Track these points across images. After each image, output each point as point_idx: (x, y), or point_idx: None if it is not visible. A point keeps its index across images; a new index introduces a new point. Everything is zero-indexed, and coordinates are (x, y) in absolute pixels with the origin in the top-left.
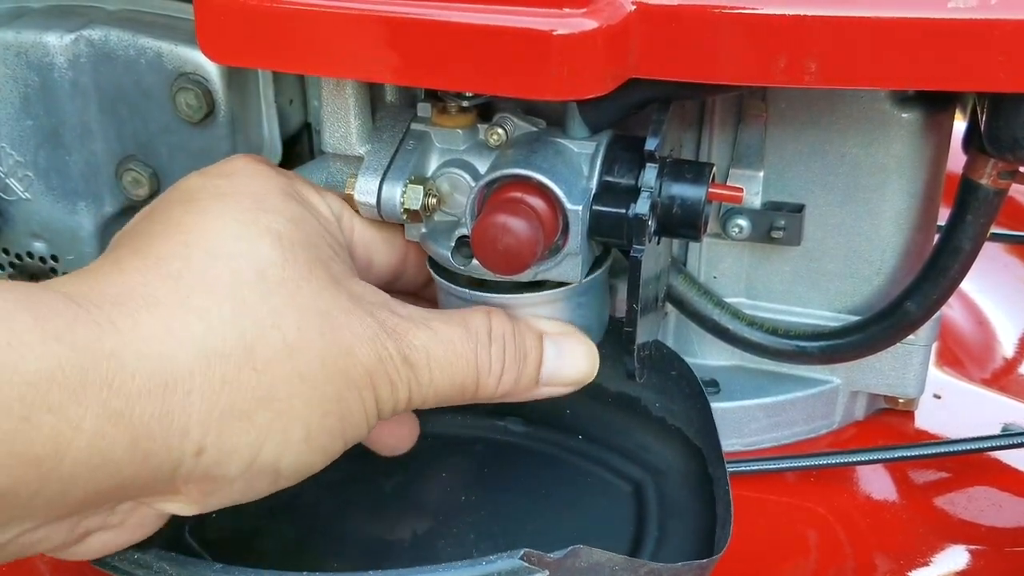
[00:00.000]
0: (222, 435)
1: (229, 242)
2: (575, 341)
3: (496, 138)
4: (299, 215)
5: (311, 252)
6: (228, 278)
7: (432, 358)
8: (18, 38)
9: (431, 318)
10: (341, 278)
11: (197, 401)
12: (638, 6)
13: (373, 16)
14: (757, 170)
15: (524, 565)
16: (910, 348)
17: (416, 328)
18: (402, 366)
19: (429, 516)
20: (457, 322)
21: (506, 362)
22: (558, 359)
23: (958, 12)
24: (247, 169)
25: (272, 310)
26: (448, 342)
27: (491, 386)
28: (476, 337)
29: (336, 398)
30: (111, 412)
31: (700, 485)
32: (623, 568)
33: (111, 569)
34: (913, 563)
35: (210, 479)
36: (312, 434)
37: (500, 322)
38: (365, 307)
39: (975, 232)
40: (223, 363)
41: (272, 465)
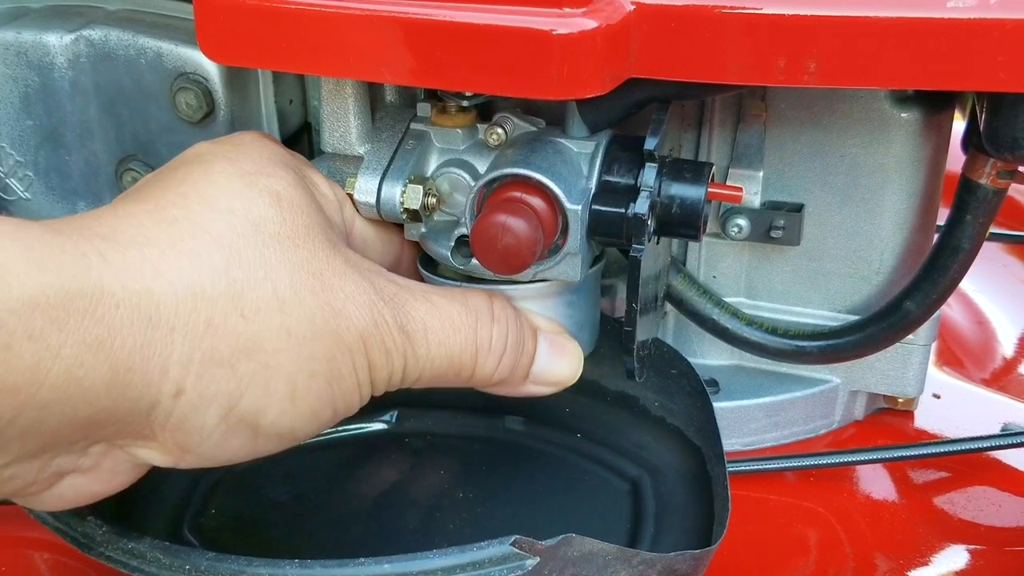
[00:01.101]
0: (202, 378)
1: (228, 198)
2: (565, 341)
3: (496, 138)
4: (300, 183)
5: (309, 216)
6: (223, 228)
7: (430, 330)
8: (18, 38)
9: (431, 291)
10: (338, 245)
11: (179, 340)
12: (638, 6)
13: (373, 16)
14: (756, 170)
15: (515, 551)
16: (910, 348)
17: (414, 299)
18: (398, 334)
19: (427, 512)
20: (457, 298)
21: (507, 347)
22: (549, 357)
23: (958, 12)
24: (257, 142)
25: (265, 263)
26: (447, 316)
27: (490, 366)
28: (476, 314)
29: (325, 358)
30: (92, 340)
31: (698, 484)
32: (615, 558)
33: (106, 559)
34: (913, 563)
35: (186, 426)
36: (297, 393)
37: (503, 306)
38: (362, 272)
39: (974, 232)
40: (209, 306)
41: (251, 419)
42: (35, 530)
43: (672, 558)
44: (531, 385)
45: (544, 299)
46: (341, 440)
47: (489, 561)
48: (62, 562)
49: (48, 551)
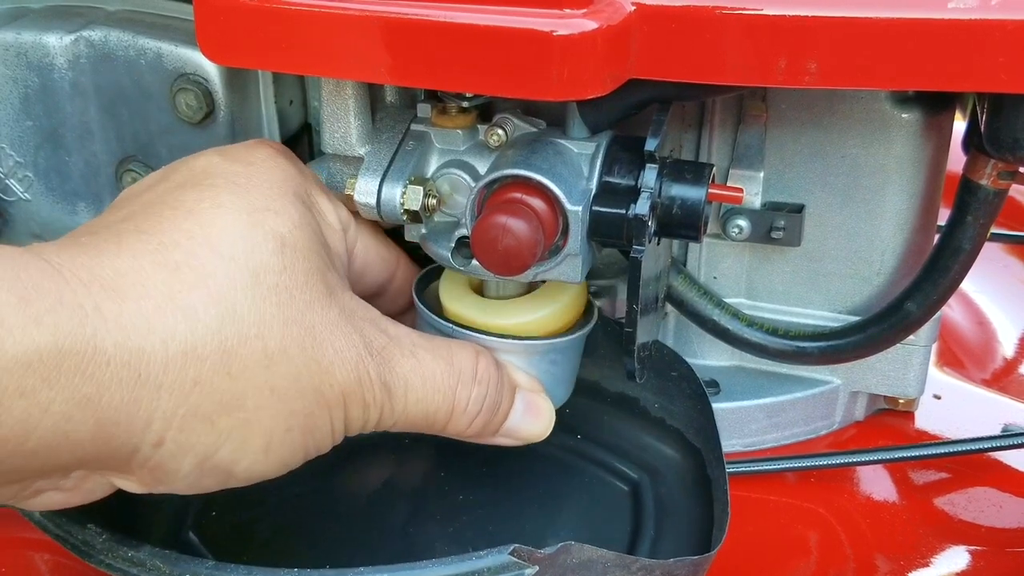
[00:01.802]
0: (183, 431)
1: (232, 241)
2: (541, 401)
3: (496, 139)
4: (306, 221)
5: (311, 261)
6: (223, 279)
7: (411, 388)
8: (18, 39)
9: (419, 345)
10: (335, 290)
11: (166, 396)
12: (638, 7)
13: (373, 17)
14: (757, 170)
15: (514, 560)
16: (910, 348)
17: (401, 353)
18: (379, 390)
19: (427, 515)
20: (443, 355)
21: (483, 407)
22: (522, 416)
23: (958, 12)
24: (268, 161)
25: (259, 319)
26: (430, 376)
27: (462, 425)
28: (459, 375)
29: (304, 414)
30: (81, 397)
31: (698, 486)
32: (614, 565)
33: (106, 567)
34: (913, 563)
35: (162, 468)
36: (272, 445)
37: (486, 365)
38: (355, 323)
39: (975, 232)
40: (199, 365)
41: (225, 468)
42: (35, 531)
43: (671, 564)
44: (500, 437)
45: (530, 356)
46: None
47: (488, 570)
48: (62, 563)
49: (48, 552)
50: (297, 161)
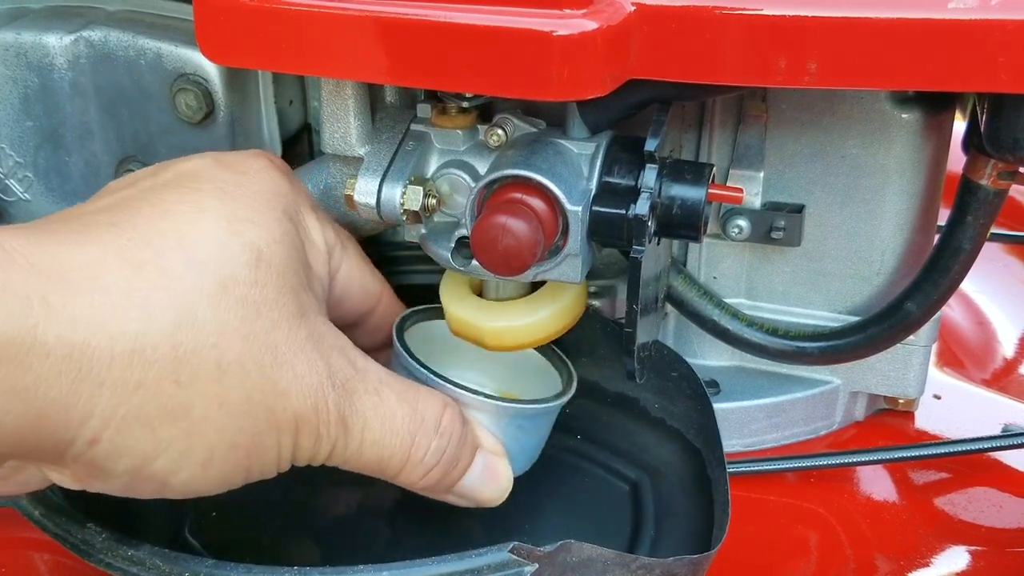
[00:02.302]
0: (120, 433)
1: (207, 247)
2: (499, 466)
3: (496, 139)
4: (289, 238)
5: (286, 279)
6: (188, 284)
7: (368, 428)
8: (18, 39)
9: (385, 384)
10: (308, 312)
11: (107, 394)
12: (638, 7)
13: (373, 17)
14: (757, 171)
15: (513, 558)
16: (910, 349)
17: (365, 389)
18: (335, 424)
19: (427, 515)
20: (408, 399)
21: (441, 460)
22: (479, 478)
23: (958, 12)
24: (261, 173)
25: (219, 329)
26: (391, 418)
27: (416, 475)
28: (421, 422)
29: (252, 433)
30: (18, 389)
31: (698, 487)
32: (614, 563)
33: (105, 566)
34: (913, 564)
35: (96, 466)
36: (214, 461)
37: (452, 418)
38: (322, 350)
39: (975, 232)
40: (144, 367)
41: (161, 478)
42: (35, 531)
43: (671, 563)
44: (452, 496)
45: (499, 417)
46: None
47: (488, 568)
48: (62, 563)
49: (48, 552)
50: (292, 177)
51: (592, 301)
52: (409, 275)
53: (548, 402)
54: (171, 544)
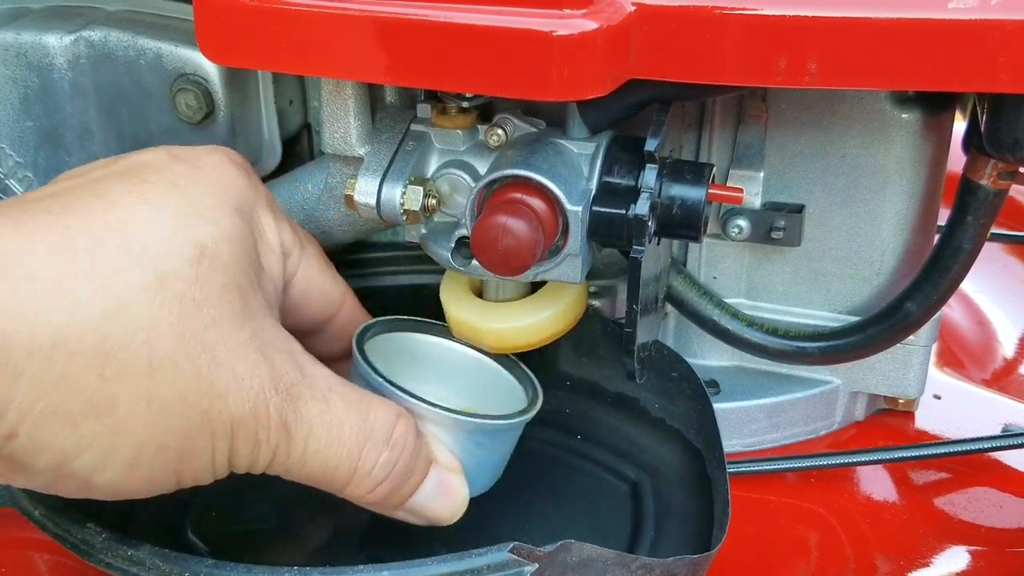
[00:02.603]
0: (39, 428)
1: (148, 240)
2: (455, 483)
3: (496, 139)
4: (239, 236)
5: (232, 277)
6: (123, 277)
7: (313, 436)
8: (18, 39)
9: (335, 391)
10: (254, 313)
11: (25, 387)
12: (638, 7)
13: (373, 17)
14: (757, 171)
15: (513, 558)
16: (910, 349)
17: (312, 395)
18: (276, 430)
19: None
20: (359, 408)
21: (391, 475)
22: (432, 494)
23: (958, 12)
24: (217, 169)
25: (152, 324)
26: (338, 426)
27: (363, 489)
28: (371, 433)
29: (183, 436)
30: None
31: (698, 486)
32: (614, 563)
33: (105, 566)
34: (913, 564)
35: (15, 461)
36: (141, 462)
37: (405, 430)
38: (266, 352)
39: (975, 232)
40: (67, 360)
41: (84, 476)
42: (35, 531)
43: (671, 563)
44: (403, 512)
45: (456, 432)
46: None
47: (488, 568)
48: (62, 563)
49: (48, 552)
50: (252, 175)
51: (592, 301)
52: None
53: (509, 419)
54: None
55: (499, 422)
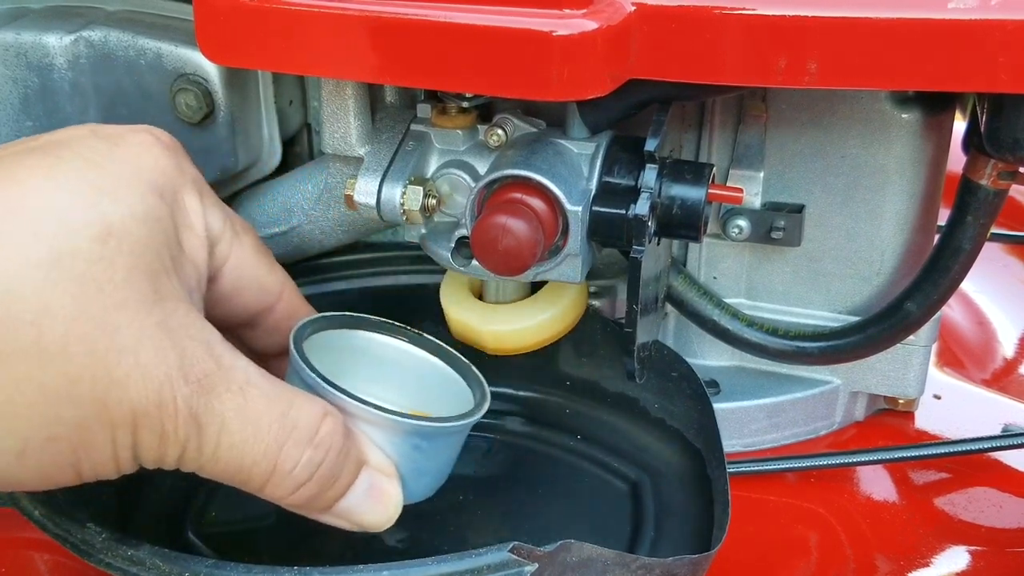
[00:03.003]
0: None
1: (47, 216)
2: (387, 488)
3: (496, 139)
4: (154, 216)
5: (141, 258)
6: (12, 253)
7: (226, 430)
8: (18, 39)
9: (253, 383)
10: (166, 298)
11: None
12: (638, 7)
13: (373, 17)
14: (757, 171)
15: (513, 558)
16: (910, 349)
17: (227, 387)
18: (186, 423)
19: (427, 515)
20: (280, 402)
21: (315, 476)
22: (362, 499)
23: (958, 12)
24: (139, 148)
25: (42, 305)
26: (255, 421)
27: (284, 490)
28: (292, 431)
29: (76, 425)
30: None
31: (698, 486)
32: (614, 563)
33: (105, 566)
34: (913, 564)
35: None
36: (29, 452)
37: (332, 429)
38: (176, 339)
39: (975, 232)
40: None
41: None
42: (35, 531)
43: (671, 563)
44: (330, 516)
45: (392, 434)
46: None
47: (487, 568)
48: (62, 563)
49: (48, 552)
50: (181, 157)
51: (592, 301)
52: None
53: (449, 421)
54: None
55: (438, 424)
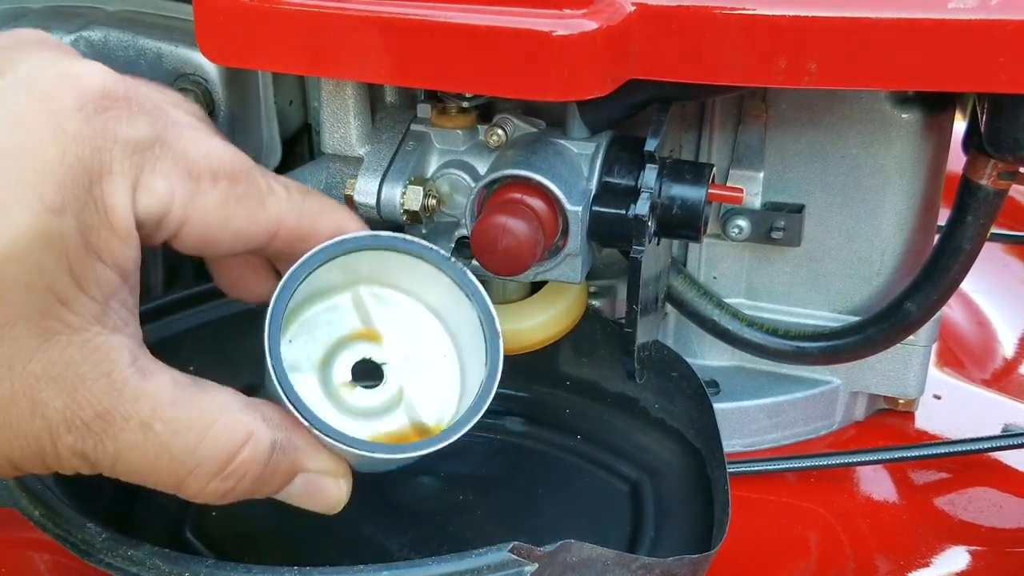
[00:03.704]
0: None
1: None
2: (330, 486)
3: (496, 139)
4: (47, 242)
5: (24, 301)
6: None
7: (122, 463)
8: None
9: (161, 416)
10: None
11: None
12: (638, 7)
13: (373, 17)
14: (757, 171)
15: (513, 558)
16: (910, 349)
17: (127, 424)
18: (72, 461)
19: (427, 515)
20: (190, 435)
21: (228, 495)
22: (300, 493)
23: (958, 13)
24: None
25: None
26: (153, 458)
27: (197, 499)
28: (194, 468)
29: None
30: None
31: (698, 486)
32: (614, 563)
33: (105, 566)
34: (913, 564)
35: None
36: None
37: (250, 459)
38: (62, 383)
39: (975, 232)
40: None
41: None
42: (35, 531)
43: (671, 563)
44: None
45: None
46: None
47: (488, 568)
48: (62, 563)
49: (48, 552)
50: (113, 111)
51: (592, 301)
52: None
53: (397, 453)
54: (171, 544)
55: (385, 456)
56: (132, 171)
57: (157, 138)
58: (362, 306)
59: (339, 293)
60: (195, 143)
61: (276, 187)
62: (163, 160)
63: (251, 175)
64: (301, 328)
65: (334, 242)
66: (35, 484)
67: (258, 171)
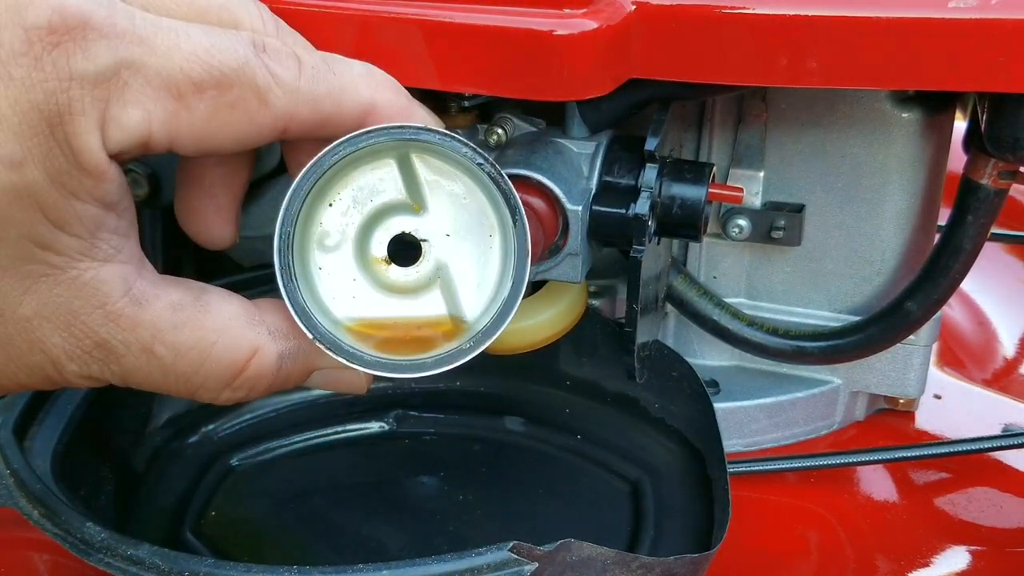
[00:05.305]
0: None
1: None
2: (348, 376)
3: (496, 138)
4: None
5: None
6: None
7: (132, 381)
8: None
9: (161, 339)
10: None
11: None
12: (638, 6)
13: (372, 17)
14: (757, 170)
15: (513, 557)
16: (910, 348)
17: (127, 352)
18: (80, 381)
19: (427, 515)
20: (192, 355)
21: (243, 398)
22: (322, 383)
23: (958, 12)
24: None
25: None
26: (161, 377)
27: (216, 403)
28: (199, 386)
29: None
30: None
31: (698, 486)
32: (614, 562)
33: (105, 566)
34: (913, 564)
35: None
36: None
37: (257, 373)
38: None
39: (975, 232)
40: None
41: None
42: (35, 531)
43: (671, 562)
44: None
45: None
46: (341, 442)
47: (487, 567)
48: (62, 563)
49: (48, 552)
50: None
51: (592, 301)
52: None
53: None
54: (171, 544)
55: (394, 375)
56: (96, 107)
57: (122, 63)
58: (409, 172)
59: (386, 156)
60: (175, 51)
61: (282, 74)
62: (133, 85)
63: (245, 73)
64: (343, 190)
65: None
66: (35, 484)
67: (256, 62)
